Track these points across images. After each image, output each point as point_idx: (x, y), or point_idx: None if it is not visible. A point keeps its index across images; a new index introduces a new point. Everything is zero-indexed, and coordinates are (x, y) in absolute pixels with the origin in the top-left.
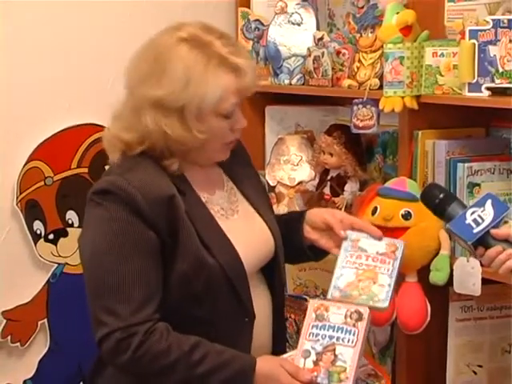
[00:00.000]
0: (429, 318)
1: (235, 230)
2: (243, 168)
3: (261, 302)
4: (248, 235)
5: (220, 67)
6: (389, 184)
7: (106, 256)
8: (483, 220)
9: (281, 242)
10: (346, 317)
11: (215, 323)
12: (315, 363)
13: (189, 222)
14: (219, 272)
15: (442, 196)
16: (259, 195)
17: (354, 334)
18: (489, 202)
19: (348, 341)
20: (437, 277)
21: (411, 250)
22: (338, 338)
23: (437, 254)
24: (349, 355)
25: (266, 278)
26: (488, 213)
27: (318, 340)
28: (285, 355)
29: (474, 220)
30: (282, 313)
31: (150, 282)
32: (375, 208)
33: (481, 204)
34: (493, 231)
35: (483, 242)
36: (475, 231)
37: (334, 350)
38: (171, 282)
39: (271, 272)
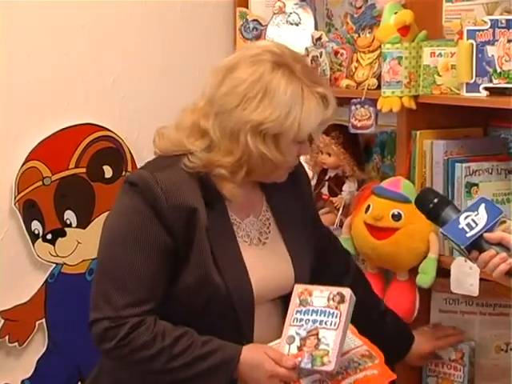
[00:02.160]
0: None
1: (254, 259)
2: (291, 199)
3: (270, 330)
4: (266, 266)
5: (312, 95)
6: (384, 183)
7: (118, 245)
8: (477, 224)
9: (304, 278)
10: (328, 299)
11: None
12: (299, 348)
13: (206, 238)
14: (224, 293)
15: (436, 200)
16: (298, 230)
17: (336, 317)
18: (482, 206)
19: (331, 324)
20: (422, 280)
21: (399, 250)
22: (320, 322)
23: (426, 256)
24: (331, 338)
25: (283, 308)
26: (481, 217)
27: (302, 325)
28: (271, 343)
29: (468, 224)
30: None
31: (153, 282)
32: (368, 206)
33: (474, 208)
34: (486, 235)
35: (477, 245)
36: (468, 235)
37: (318, 333)
38: (174, 291)
39: (287, 304)
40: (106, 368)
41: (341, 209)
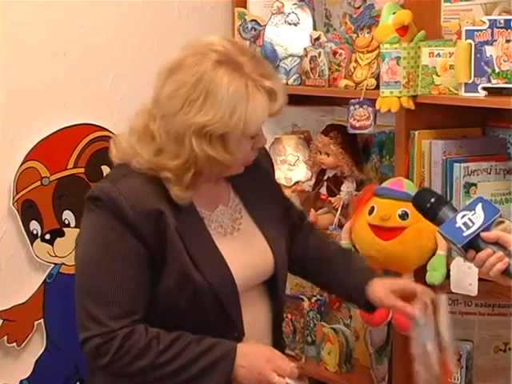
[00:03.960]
0: None
1: (231, 248)
2: (256, 181)
3: (258, 315)
4: (244, 253)
5: (258, 90)
6: (386, 184)
7: (92, 261)
8: (473, 223)
9: (283, 260)
10: None
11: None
12: None
13: (178, 238)
14: (206, 288)
15: (433, 200)
16: (269, 210)
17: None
18: (479, 205)
19: None
20: (433, 277)
21: (407, 249)
22: None
23: (433, 254)
24: None
25: (268, 291)
26: (478, 216)
27: None
28: None
29: (465, 223)
30: (280, 328)
31: (135, 290)
32: (372, 208)
33: (471, 207)
34: (483, 234)
35: (474, 244)
36: (465, 234)
37: None
38: (156, 296)
39: (271, 288)
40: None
41: (339, 209)
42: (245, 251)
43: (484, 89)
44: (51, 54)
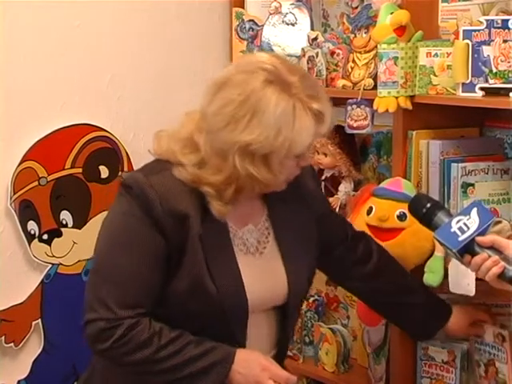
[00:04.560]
0: None
1: (250, 267)
2: (293, 210)
3: (262, 339)
4: (261, 275)
5: (305, 112)
6: (384, 184)
7: (113, 246)
8: (468, 228)
9: (297, 291)
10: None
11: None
12: None
13: (199, 246)
14: (217, 301)
15: (428, 205)
16: (297, 245)
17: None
18: (474, 210)
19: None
20: (431, 279)
21: (405, 250)
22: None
23: (431, 254)
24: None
25: (277, 318)
26: (473, 221)
27: None
28: None
29: (460, 228)
30: (283, 358)
31: (148, 283)
32: (370, 208)
33: (466, 212)
34: (478, 239)
35: (469, 249)
36: (460, 239)
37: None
38: (166, 294)
39: (281, 315)
40: (99, 369)
41: (337, 209)
42: (262, 274)
43: (481, 89)
44: (48, 54)
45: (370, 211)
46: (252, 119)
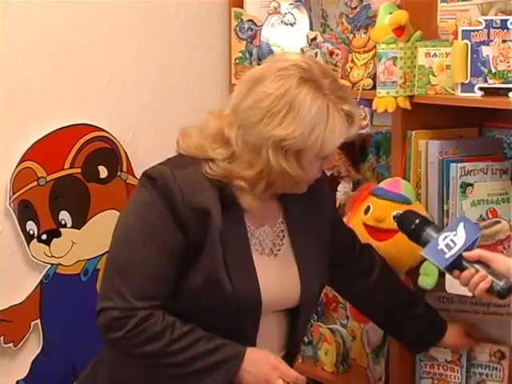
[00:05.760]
0: None
1: (265, 268)
2: (308, 214)
3: (274, 340)
4: (275, 277)
5: (338, 113)
6: (383, 184)
7: (132, 237)
8: (455, 244)
9: (309, 295)
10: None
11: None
12: None
13: (218, 242)
14: (232, 298)
15: (417, 221)
16: (311, 249)
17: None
18: (461, 225)
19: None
20: (425, 281)
21: (401, 252)
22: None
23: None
24: None
25: (288, 320)
26: (460, 236)
27: None
28: None
29: (447, 245)
30: (294, 358)
31: (164, 276)
32: (368, 207)
33: (453, 228)
34: (465, 254)
35: (457, 265)
36: (447, 256)
37: None
38: (181, 289)
39: (292, 318)
40: (105, 363)
41: None
42: (276, 276)
43: (480, 89)
44: (48, 54)
45: (367, 210)
46: (287, 115)
